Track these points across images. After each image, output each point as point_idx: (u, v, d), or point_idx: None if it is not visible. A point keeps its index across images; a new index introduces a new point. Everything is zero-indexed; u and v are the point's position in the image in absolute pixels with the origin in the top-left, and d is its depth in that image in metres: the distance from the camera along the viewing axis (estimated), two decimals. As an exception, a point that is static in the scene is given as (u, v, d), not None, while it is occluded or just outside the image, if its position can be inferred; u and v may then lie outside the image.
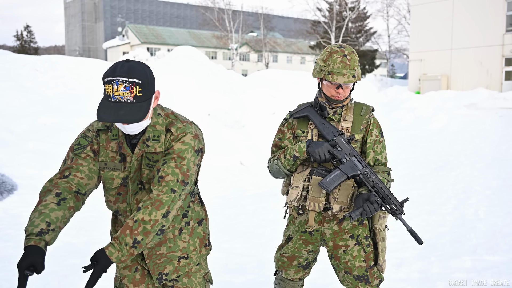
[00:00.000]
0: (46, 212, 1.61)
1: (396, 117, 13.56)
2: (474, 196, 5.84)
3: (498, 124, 11.48)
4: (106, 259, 1.60)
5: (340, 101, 2.14)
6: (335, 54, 2.07)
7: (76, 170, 1.74)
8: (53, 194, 1.66)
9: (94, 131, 1.79)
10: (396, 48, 37.44)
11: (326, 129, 2.11)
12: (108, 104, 1.60)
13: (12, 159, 6.52)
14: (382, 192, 1.99)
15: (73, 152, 1.76)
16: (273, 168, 2.18)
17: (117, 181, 1.77)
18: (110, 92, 1.59)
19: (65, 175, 1.74)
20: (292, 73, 16.00)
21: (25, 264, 1.49)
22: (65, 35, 61.12)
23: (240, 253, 4.01)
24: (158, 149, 1.73)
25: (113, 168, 1.76)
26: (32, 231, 1.55)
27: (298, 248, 2.24)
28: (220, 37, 40.14)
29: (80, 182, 1.74)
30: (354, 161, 2.04)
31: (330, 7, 33.58)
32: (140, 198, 1.77)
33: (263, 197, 6.20)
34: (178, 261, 1.86)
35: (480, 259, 3.76)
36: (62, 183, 1.71)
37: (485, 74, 20.02)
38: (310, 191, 2.10)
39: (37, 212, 1.61)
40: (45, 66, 10.49)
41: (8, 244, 4.00)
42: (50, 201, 1.64)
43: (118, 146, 1.75)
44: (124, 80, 1.57)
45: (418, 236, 1.97)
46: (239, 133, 9.63)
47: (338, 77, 2.04)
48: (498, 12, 19.59)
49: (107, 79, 1.59)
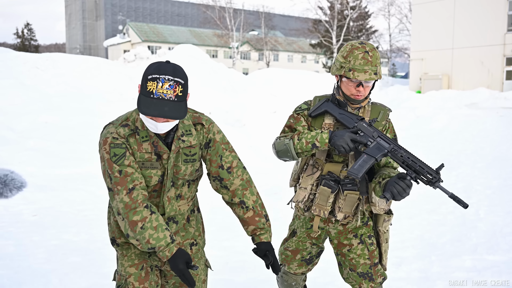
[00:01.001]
0: (157, 224, 1.69)
1: (397, 117, 13.54)
2: (475, 195, 5.85)
3: (499, 124, 11.47)
4: (270, 244, 1.86)
5: (359, 101, 2.06)
6: (357, 50, 1.99)
7: (132, 180, 1.72)
8: (144, 209, 1.70)
9: (124, 137, 1.75)
10: (397, 47, 37.38)
11: (346, 118, 2.04)
12: (150, 101, 1.63)
13: (13, 156, 6.53)
14: (414, 165, 1.88)
15: (116, 163, 1.73)
16: (280, 147, 2.07)
17: (155, 178, 1.79)
18: (154, 89, 1.63)
19: (130, 188, 1.72)
20: (293, 72, 15.99)
21: (183, 265, 1.67)
22: (66, 33, 61.11)
23: (240, 251, 4.02)
24: (192, 142, 1.82)
25: (151, 167, 1.78)
26: (166, 243, 1.67)
27: (302, 241, 2.26)
28: (221, 35, 40.12)
29: (142, 186, 1.75)
30: (380, 141, 1.95)
31: (332, 5, 33.53)
32: (170, 195, 1.83)
33: (264, 196, 6.19)
34: (190, 249, 1.95)
35: (481, 258, 3.76)
36: (136, 196, 1.71)
37: (486, 74, 19.99)
38: (317, 199, 2.10)
39: (149, 230, 1.67)
40: (46, 64, 10.49)
41: (9, 242, 4.00)
42: (147, 214, 1.69)
43: (153, 146, 1.77)
44: (170, 78, 1.64)
45: (461, 200, 1.84)
46: (240, 131, 9.63)
47: (360, 74, 1.95)
48: (499, 11, 19.56)
49: (151, 76, 1.63)
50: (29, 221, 4.65)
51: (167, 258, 1.67)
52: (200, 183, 2.02)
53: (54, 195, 5.59)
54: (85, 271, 3.45)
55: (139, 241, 1.69)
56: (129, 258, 1.88)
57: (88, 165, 6.59)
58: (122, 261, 1.90)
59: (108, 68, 11.38)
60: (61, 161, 6.80)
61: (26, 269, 3.43)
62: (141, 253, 1.88)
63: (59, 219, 4.78)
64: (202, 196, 6.03)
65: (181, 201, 1.88)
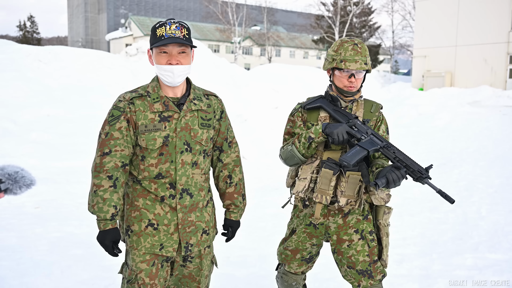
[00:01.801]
0: (109, 197, 1.79)
1: (399, 114, 13.52)
2: (477, 194, 5.84)
3: (502, 122, 11.44)
4: (237, 223, 2.11)
5: (352, 93, 2.14)
6: (346, 43, 2.11)
7: (114, 145, 1.82)
8: (106, 178, 1.80)
9: (127, 100, 1.86)
10: (400, 44, 37.29)
11: (340, 115, 2.11)
12: (162, 41, 1.79)
13: (15, 149, 6.54)
14: (405, 160, 1.99)
15: (109, 124, 1.84)
16: (286, 154, 2.16)
17: (159, 140, 1.84)
18: (163, 33, 1.79)
19: (105, 152, 1.82)
20: (295, 68, 15.96)
21: (109, 242, 1.81)
22: (68, 26, 61.01)
23: (242, 246, 4.03)
24: (203, 107, 1.94)
25: (154, 129, 1.84)
26: (105, 217, 1.79)
27: (302, 241, 2.25)
28: (223, 30, 40.02)
29: (122, 154, 1.84)
30: (373, 138, 2.04)
31: (335, 1, 33.40)
32: (185, 159, 1.88)
33: (265, 191, 6.21)
34: (201, 235, 1.97)
35: (482, 257, 3.76)
36: (106, 162, 1.81)
37: (489, 72, 19.93)
38: (319, 183, 2.10)
39: (98, 197, 1.80)
40: (48, 57, 10.48)
41: (11, 234, 4.02)
42: (107, 185, 1.80)
43: (164, 105, 1.86)
44: (174, 21, 1.83)
45: (449, 195, 1.93)
46: (242, 127, 9.63)
47: (351, 64, 2.06)
48: (503, 9, 19.47)
49: (158, 24, 1.82)
50: (31, 213, 4.66)
51: (99, 229, 1.81)
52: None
53: (56, 187, 5.60)
54: (86, 263, 3.46)
55: (88, 202, 1.82)
56: (139, 253, 1.88)
57: (90, 158, 6.58)
58: (133, 256, 1.89)
59: (110, 61, 11.37)
60: (63, 154, 6.81)
61: (28, 260, 3.44)
62: (151, 247, 1.87)
63: (61, 211, 4.79)
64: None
65: (196, 169, 1.91)
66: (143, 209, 1.87)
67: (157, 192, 1.86)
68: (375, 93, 17.41)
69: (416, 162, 1.99)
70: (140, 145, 1.86)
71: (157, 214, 1.86)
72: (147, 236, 1.86)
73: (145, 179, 1.87)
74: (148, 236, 1.86)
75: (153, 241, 1.86)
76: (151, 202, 1.86)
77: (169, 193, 1.86)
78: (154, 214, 1.86)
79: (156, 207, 1.86)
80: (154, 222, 1.86)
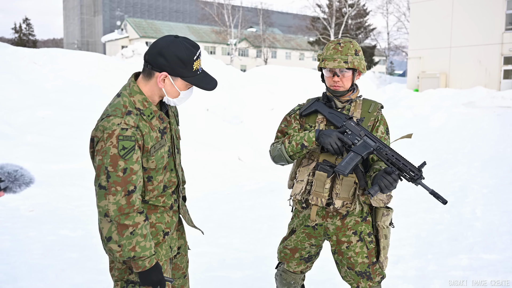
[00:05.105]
0: (147, 232, 1.69)
1: (394, 115, 13.56)
2: (471, 194, 5.86)
3: (496, 123, 11.50)
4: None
5: (340, 92, 2.15)
6: (331, 43, 2.17)
7: (137, 180, 1.65)
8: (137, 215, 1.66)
9: (134, 125, 1.65)
10: (395, 45, 37.42)
11: (335, 117, 2.13)
12: (200, 77, 1.73)
13: (10, 151, 6.50)
14: (398, 162, 1.98)
15: (123, 158, 1.61)
16: (275, 152, 2.18)
17: (165, 156, 1.80)
18: (199, 66, 1.73)
19: (130, 190, 1.64)
20: (291, 69, 15.97)
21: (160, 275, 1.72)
22: (64, 28, 60.80)
23: (237, 248, 4.02)
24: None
25: (159, 147, 1.77)
26: (150, 253, 1.68)
27: (301, 241, 2.27)
28: (219, 32, 40.00)
29: (141, 186, 1.70)
30: (366, 139, 2.04)
31: (330, 3, 33.50)
32: (177, 162, 1.90)
33: (260, 192, 6.20)
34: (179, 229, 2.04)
35: (477, 257, 3.78)
36: (134, 201, 1.65)
37: (483, 73, 20.03)
38: (314, 186, 2.12)
39: (138, 236, 1.65)
40: (43, 59, 10.44)
41: (6, 237, 3.99)
42: (141, 220, 1.67)
43: (160, 119, 1.78)
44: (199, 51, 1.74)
45: (441, 196, 1.93)
46: (238, 128, 9.62)
47: (329, 62, 2.10)
48: (497, 10, 19.58)
49: (195, 56, 1.70)
50: (25, 217, 4.64)
51: (144, 269, 1.66)
52: (199, 183, 2.06)
53: (50, 190, 5.57)
54: (81, 266, 3.44)
55: (122, 247, 1.61)
56: (160, 264, 1.85)
57: (85, 160, 6.57)
58: None
59: (106, 63, 11.33)
60: (58, 156, 6.78)
61: (22, 264, 3.42)
62: (167, 252, 1.86)
63: (55, 214, 4.77)
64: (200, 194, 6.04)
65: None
66: (157, 224, 1.82)
67: (165, 203, 1.84)
68: (371, 94, 17.45)
69: (410, 162, 1.99)
70: (146, 167, 1.73)
71: (167, 222, 1.86)
72: (162, 244, 1.85)
73: (153, 198, 1.80)
74: (163, 244, 1.86)
75: (166, 247, 1.87)
76: (161, 214, 1.84)
77: (173, 199, 1.88)
78: (166, 223, 1.85)
79: (165, 216, 1.85)
80: (167, 230, 1.86)
